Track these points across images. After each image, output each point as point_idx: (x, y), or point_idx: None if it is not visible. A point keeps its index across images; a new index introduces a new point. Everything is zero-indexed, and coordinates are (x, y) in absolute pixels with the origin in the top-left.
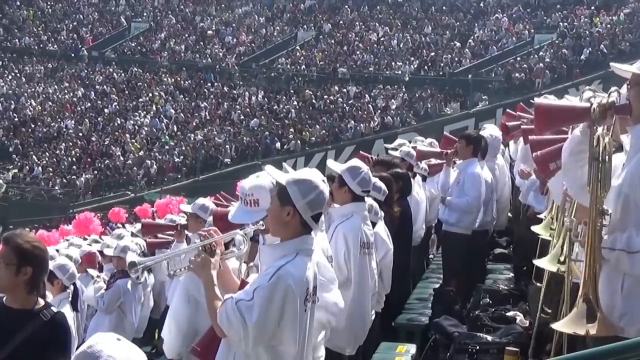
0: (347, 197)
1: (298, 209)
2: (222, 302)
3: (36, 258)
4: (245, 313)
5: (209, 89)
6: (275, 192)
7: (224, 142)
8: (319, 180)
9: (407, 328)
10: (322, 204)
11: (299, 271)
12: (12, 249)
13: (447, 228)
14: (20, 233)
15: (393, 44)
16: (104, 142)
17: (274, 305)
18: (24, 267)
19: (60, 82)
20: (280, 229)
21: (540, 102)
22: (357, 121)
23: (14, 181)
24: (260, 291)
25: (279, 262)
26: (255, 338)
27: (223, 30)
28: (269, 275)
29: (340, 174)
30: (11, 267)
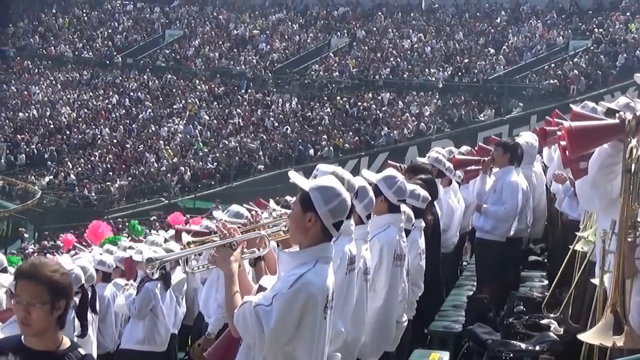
0: (384, 206)
1: (320, 216)
2: (241, 304)
3: (68, 289)
4: (263, 318)
5: (242, 95)
6: (298, 198)
7: (258, 149)
8: (342, 187)
9: (440, 335)
10: (345, 211)
11: (320, 279)
12: (43, 284)
13: (481, 235)
14: (42, 262)
15: (427, 51)
16: (138, 149)
17: (292, 313)
18: (57, 302)
19: (95, 89)
20: (301, 236)
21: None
22: (390, 128)
23: (49, 187)
24: (279, 298)
25: (300, 270)
26: (270, 344)
27: (257, 37)
28: (290, 282)
29: (375, 184)
30: (46, 307)
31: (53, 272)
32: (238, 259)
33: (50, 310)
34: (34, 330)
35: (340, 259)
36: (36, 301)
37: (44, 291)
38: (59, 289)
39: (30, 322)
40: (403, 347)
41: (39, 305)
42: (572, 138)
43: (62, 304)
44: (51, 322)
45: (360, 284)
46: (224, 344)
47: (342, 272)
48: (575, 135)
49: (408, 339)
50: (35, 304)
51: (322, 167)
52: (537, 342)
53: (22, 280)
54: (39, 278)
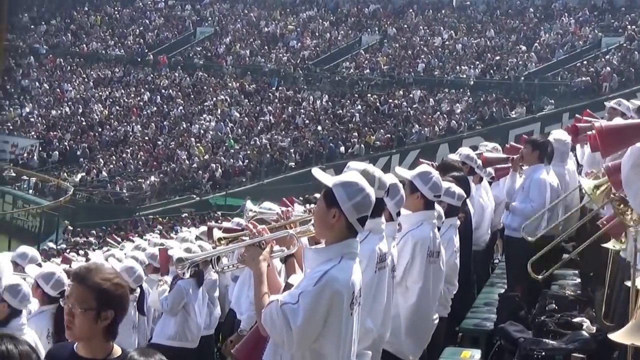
0: (419, 203)
1: (344, 212)
2: (268, 303)
3: (119, 299)
4: (290, 316)
5: (273, 93)
6: (322, 194)
7: (288, 146)
8: (366, 183)
9: (471, 333)
10: (369, 207)
11: (345, 275)
12: (90, 290)
13: (510, 233)
14: (97, 268)
15: (458, 48)
16: (170, 146)
17: (319, 310)
18: (104, 311)
19: (126, 86)
20: (326, 232)
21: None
22: (421, 125)
23: (82, 184)
24: (305, 295)
25: (325, 267)
26: (299, 341)
27: (287, 34)
28: (315, 279)
29: (411, 180)
30: (90, 313)
31: (104, 280)
32: (267, 258)
33: (95, 318)
34: (75, 335)
35: (369, 257)
36: (81, 305)
37: (91, 297)
38: (107, 298)
39: (72, 326)
40: (435, 345)
41: (81, 310)
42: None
43: (110, 314)
44: (96, 330)
45: (388, 281)
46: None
47: (372, 270)
48: (606, 134)
49: (441, 336)
50: (79, 308)
51: (352, 164)
52: (569, 341)
53: (74, 282)
54: (88, 283)
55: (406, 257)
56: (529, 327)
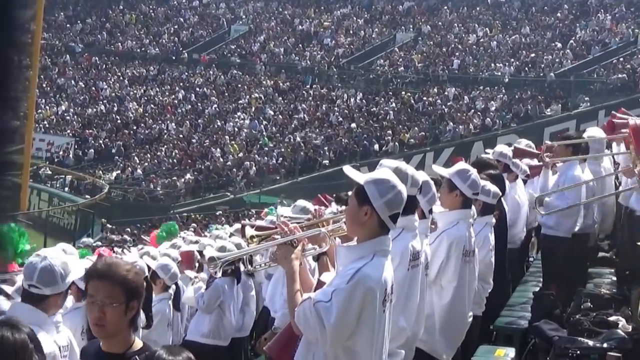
0: (458, 201)
1: (376, 209)
2: (301, 302)
3: (142, 289)
4: (323, 314)
5: (307, 90)
6: (354, 191)
7: (323, 144)
8: (397, 180)
9: (505, 331)
10: (401, 204)
11: (378, 272)
12: (117, 284)
13: (546, 231)
14: (115, 262)
15: (492, 45)
16: (204, 144)
17: (352, 307)
18: (131, 302)
19: (161, 84)
20: (358, 229)
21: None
22: (456, 123)
23: (117, 182)
24: (338, 293)
25: (357, 264)
26: (332, 339)
27: (322, 32)
28: (348, 277)
29: (449, 178)
30: (120, 307)
31: (127, 272)
32: (299, 256)
33: (125, 311)
34: (108, 332)
35: (402, 254)
36: (112, 301)
37: (119, 291)
38: (133, 289)
39: (104, 323)
40: (469, 343)
41: (116, 305)
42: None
43: (135, 304)
44: (125, 323)
45: (421, 279)
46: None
47: (404, 268)
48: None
49: (475, 335)
50: (112, 303)
51: (385, 162)
52: (604, 340)
53: (96, 280)
54: (114, 278)
55: (441, 256)
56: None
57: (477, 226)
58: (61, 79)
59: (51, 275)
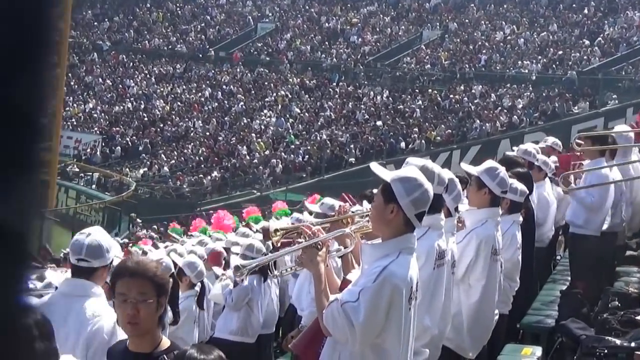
0: (486, 199)
1: (402, 207)
2: (329, 303)
3: (167, 285)
4: (351, 314)
5: (334, 88)
6: (380, 189)
7: (349, 142)
8: (424, 178)
9: (532, 330)
10: (427, 202)
11: (403, 270)
12: (149, 280)
13: (574, 230)
14: (142, 260)
15: (520, 43)
16: (231, 142)
17: (380, 305)
18: (161, 299)
19: (188, 82)
20: (383, 227)
21: None
22: (482, 120)
23: (144, 179)
24: (366, 292)
25: (383, 262)
26: (362, 338)
27: (348, 30)
28: (374, 275)
29: (478, 176)
30: (153, 304)
31: (156, 268)
32: (324, 258)
33: (156, 308)
34: (142, 329)
35: (428, 253)
36: (145, 297)
37: (151, 287)
38: (162, 285)
39: (138, 321)
40: (496, 342)
41: (150, 301)
42: None
43: (164, 301)
44: (155, 320)
45: (448, 277)
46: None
47: (430, 267)
48: None
49: (502, 333)
50: (145, 300)
51: (411, 160)
52: (632, 339)
53: (128, 277)
54: (146, 275)
55: (470, 255)
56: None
57: (505, 224)
58: (89, 76)
59: (98, 249)
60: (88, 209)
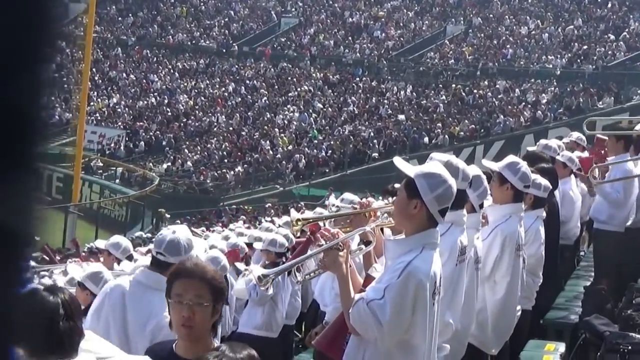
0: (509, 194)
1: (425, 203)
2: (354, 303)
3: (225, 292)
4: (378, 312)
5: (357, 83)
6: (403, 184)
7: (372, 137)
8: (448, 174)
9: (556, 326)
10: (450, 198)
11: (427, 265)
12: (207, 284)
13: (598, 226)
14: (200, 262)
15: (544, 37)
16: (254, 137)
17: (406, 301)
18: (217, 304)
19: (211, 77)
20: (406, 222)
21: None
22: (506, 116)
23: (167, 174)
24: (391, 289)
25: (407, 257)
26: (390, 336)
27: (372, 24)
28: (399, 271)
29: (499, 172)
30: (209, 308)
31: (214, 272)
32: (347, 259)
33: (212, 313)
34: (196, 333)
35: (450, 250)
36: (201, 300)
37: (208, 291)
38: (219, 290)
39: (193, 324)
40: (519, 338)
41: (206, 304)
42: None
43: (220, 307)
44: (209, 326)
45: (471, 273)
46: (332, 332)
47: (452, 263)
48: None
49: (525, 329)
50: (201, 303)
51: (435, 155)
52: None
53: (185, 278)
54: (204, 277)
55: (495, 252)
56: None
57: (528, 220)
58: (113, 71)
59: (177, 246)
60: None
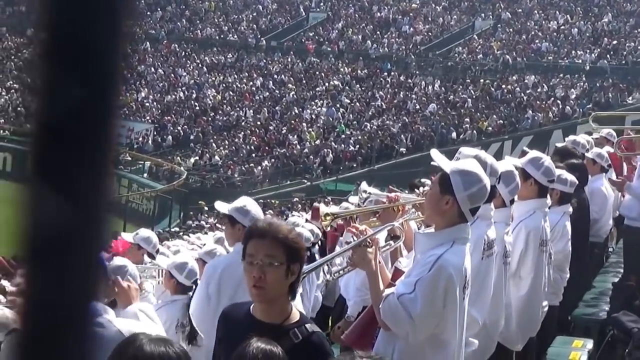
0: (533, 190)
1: (457, 200)
2: (384, 298)
3: (303, 252)
4: (409, 306)
5: (385, 78)
6: (438, 178)
7: (399, 132)
8: (484, 174)
9: (584, 322)
10: (483, 198)
11: (457, 259)
12: (279, 243)
13: (628, 222)
14: (275, 222)
15: (573, 32)
16: (282, 131)
17: (437, 295)
18: (292, 265)
19: (239, 71)
20: (436, 217)
21: None
22: (535, 111)
23: (195, 168)
24: (422, 283)
25: (437, 251)
26: (422, 329)
27: (400, 19)
28: (429, 264)
29: (522, 168)
30: (282, 268)
31: (289, 232)
32: (376, 255)
33: (285, 274)
34: (268, 295)
35: (476, 243)
36: (272, 260)
37: (280, 251)
38: (294, 250)
39: (264, 285)
40: (546, 334)
41: (276, 264)
42: None
43: (296, 268)
44: (284, 288)
45: (499, 268)
46: (360, 326)
47: (478, 257)
48: None
49: (552, 325)
50: (273, 262)
51: (464, 150)
52: None
53: (256, 239)
54: (275, 237)
55: (520, 247)
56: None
57: (555, 216)
58: (141, 66)
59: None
60: (140, 198)
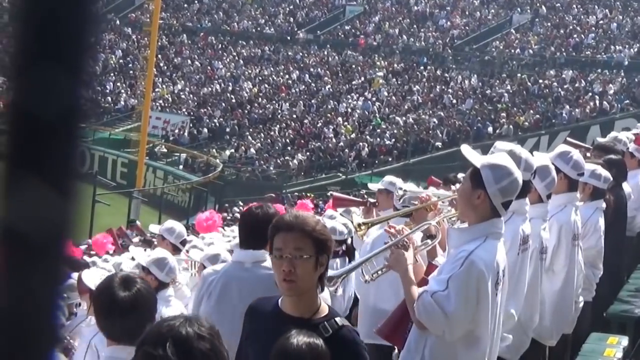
0: (563, 184)
1: (489, 194)
2: (418, 297)
3: (330, 243)
4: (443, 304)
5: (421, 72)
6: (469, 173)
7: (436, 126)
8: (515, 167)
9: (619, 319)
10: (515, 191)
11: (490, 255)
12: (308, 235)
13: None
14: (304, 214)
15: (612, 27)
16: (317, 124)
17: (470, 291)
18: (321, 257)
19: (275, 64)
20: (469, 212)
21: None
22: (572, 106)
23: (230, 161)
24: (454, 279)
25: (469, 247)
26: (457, 326)
27: (437, 13)
28: (460, 260)
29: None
30: (311, 261)
31: (316, 224)
32: (412, 256)
33: (315, 266)
34: (299, 288)
35: (512, 239)
36: (301, 253)
37: (309, 243)
38: (322, 242)
39: (294, 278)
40: (582, 330)
41: (306, 257)
42: None
43: (324, 260)
44: (314, 280)
45: (535, 263)
46: (394, 320)
47: (514, 253)
48: None
49: (586, 321)
50: (302, 255)
51: (499, 144)
52: None
53: (284, 232)
54: (304, 229)
55: (552, 242)
56: None
57: (587, 211)
58: (178, 58)
59: None
60: (175, 190)
